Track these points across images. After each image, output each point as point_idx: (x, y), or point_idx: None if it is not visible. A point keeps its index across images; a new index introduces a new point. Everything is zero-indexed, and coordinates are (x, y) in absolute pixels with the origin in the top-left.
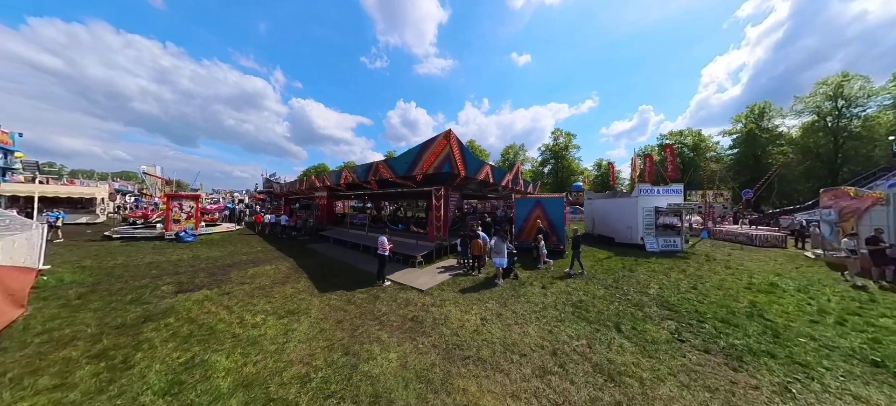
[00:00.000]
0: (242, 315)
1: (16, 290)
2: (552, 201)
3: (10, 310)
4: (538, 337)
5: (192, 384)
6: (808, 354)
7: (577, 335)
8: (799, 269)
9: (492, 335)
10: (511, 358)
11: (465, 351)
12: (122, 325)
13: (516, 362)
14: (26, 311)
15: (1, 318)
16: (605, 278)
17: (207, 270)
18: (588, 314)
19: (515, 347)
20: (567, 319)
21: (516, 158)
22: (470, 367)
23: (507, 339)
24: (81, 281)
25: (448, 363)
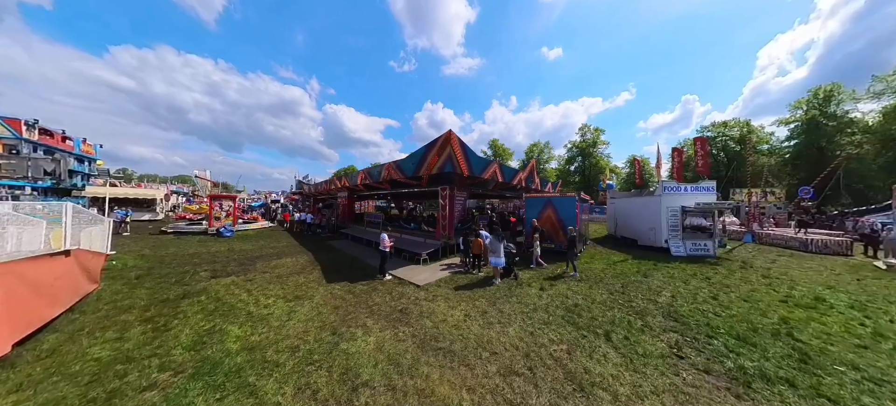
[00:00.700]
0: (258, 297)
1: (92, 270)
2: (563, 200)
3: (88, 285)
4: (516, 337)
5: (210, 344)
6: (842, 388)
7: (560, 340)
8: (861, 281)
9: (470, 331)
10: (481, 354)
11: (439, 343)
12: (165, 300)
13: (485, 359)
14: (99, 286)
15: (81, 291)
16: (614, 283)
17: (238, 261)
18: (579, 319)
19: (489, 345)
20: (554, 323)
21: (541, 157)
22: (439, 357)
23: (484, 336)
24: (140, 265)
25: (420, 351)
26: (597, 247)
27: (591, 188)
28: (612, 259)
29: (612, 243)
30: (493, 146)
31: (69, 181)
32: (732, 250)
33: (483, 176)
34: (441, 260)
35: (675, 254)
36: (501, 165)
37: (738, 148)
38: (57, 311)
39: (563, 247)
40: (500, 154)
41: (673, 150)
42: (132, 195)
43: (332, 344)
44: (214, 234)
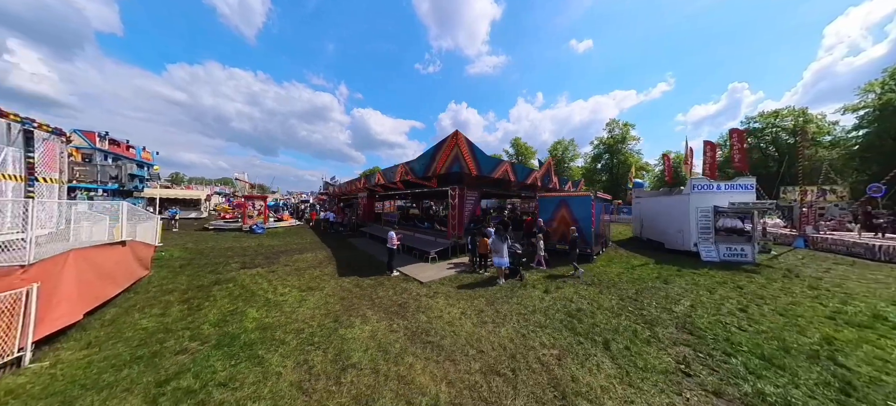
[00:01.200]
0: (277, 286)
1: (143, 258)
2: (578, 199)
3: (141, 271)
4: (507, 338)
5: (231, 322)
6: None
7: (552, 344)
8: None
9: (462, 328)
10: (468, 351)
11: (429, 337)
12: (201, 286)
13: (470, 356)
14: (150, 272)
15: (136, 275)
16: (627, 288)
17: (265, 255)
18: (579, 325)
19: (477, 343)
20: (551, 327)
21: (565, 155)
22: (427, 350)
23: (475, 334)
24: (183, 257)
25: (409, 342)
26: (618, 250)
27: (618, 187)
28: (632, 263)
29: (637, 246)
30: (516, 145)
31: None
32: (778, 257)
33: (493, 175)
34: (450, 259)
35: (706, 259)
36: (513, 165)
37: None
38: (116, 290)
39: (578, 248)
40: (523, 153)
41: (705, 145)
42: (180, 196)
43: (332, 330)
44: (247, 230)
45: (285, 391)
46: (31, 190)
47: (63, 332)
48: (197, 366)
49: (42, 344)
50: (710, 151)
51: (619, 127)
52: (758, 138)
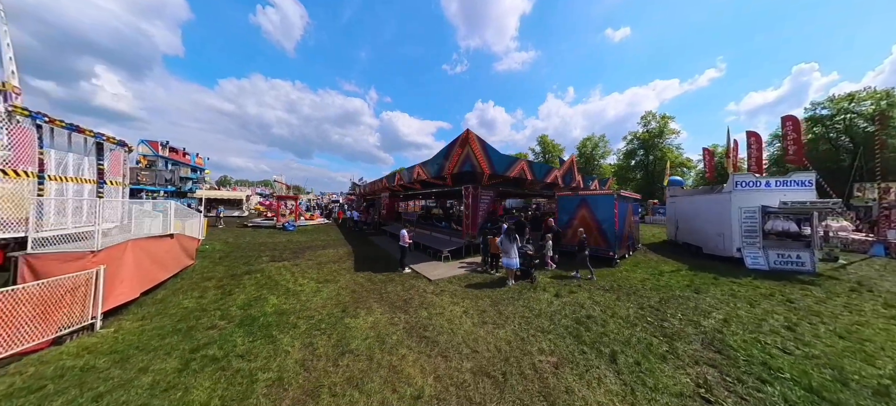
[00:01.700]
0: (297, 278)
1: (189, 250)
2: (600, 199)
3: (186, 260)
4: (504, 340)
5: (254, 306)
6: None
7: (551, 351)
8: None
9: (460, 327)
10: (462, 350)
11: (426, 332)
12: (234, 275)
13: (464, 355)
14: (194, 262)
15: (182, 264)
16: (650, 296)
17: (292, 249)
18: (587, 333)
19: (473, 343)
20: (554, 333)
21: (595, 152)
22: (422, 344)
23: (472, 334)
24: (223, 250)
25: (406, 335)
26: (648, 254)
27: (654, 186)
28: (661, 269)
29: (670, 251)
30: (542, 143)
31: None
32: (847, 266)
33: (508, 174)
34: (464, 258)
35: (752, 266)
36: (530, 163)
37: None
38: (166, 275)
39: (600, 250)
40: (550, 150)
41: (749, 136)
42: (225, 196)
43: (339, 318)
44: (280, 228)
45: (290, 367)
46: (101, 191)
47: (125, 307)
48: (222, 339)
49: (109, 315)
50: (756, 143)
51: (656, 120)
52: (826, 127)
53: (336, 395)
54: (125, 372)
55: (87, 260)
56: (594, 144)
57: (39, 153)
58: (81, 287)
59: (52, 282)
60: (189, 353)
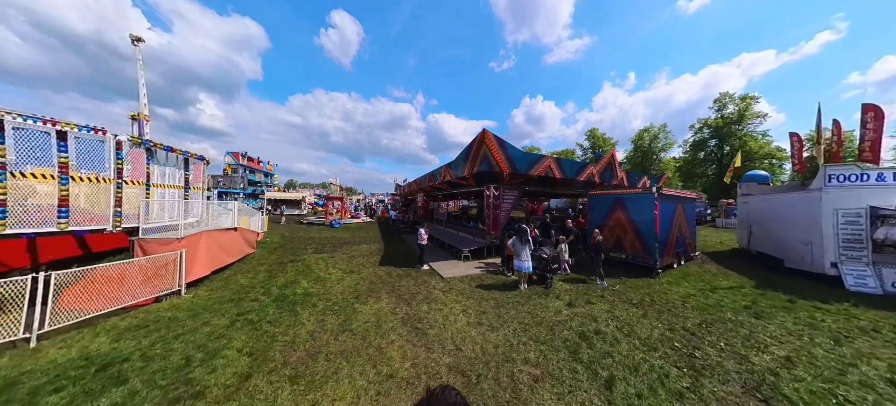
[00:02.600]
0: (328, 268)
1: (250, 241)
2: (637, 198)
3: (248, 249)
4: (492, 344)
5: (289, 287)
6: None
7: (537, 363)
8: None
9: (453, 324)
10: (446, 345)
11: (420, 324)
12: (281, 262)
13: (447, 350)
14: (255, 251)
15: (244, 252)
16: (689, 317)
17: (333, 244)
18: (588, 350)
19: (461, 341)
20: (550, 344)
21: (654, 144)
22: (411, 334)
23: (463, 332)
24: (278, 242)
25: (400, 324)
26: (707, 264)
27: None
28: (715, 283)
29: (740, 262)
30: (592, 136)
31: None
32: None
33: (531, 173)
34: (484, 259)
35: (855, 288)
36: (558, 160)
37: None
38: (230, 260)
39: (637, 258)
40: (601, 145)
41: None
42: (287, 197)
43: (350, 303)
44: (329, 225)
45: (302, 335)
46: (187, 195)
47: (200, 281)
48: (260, 309)
49: (190, 286)
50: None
51: (734, 102)
52: None
53: (329, 360)
54: (194, 323)
55: (175, 245)
56: (653, 136)
57: (147, 168)
58: (172, 264)
59: (154, 258)
60: (235, 316)
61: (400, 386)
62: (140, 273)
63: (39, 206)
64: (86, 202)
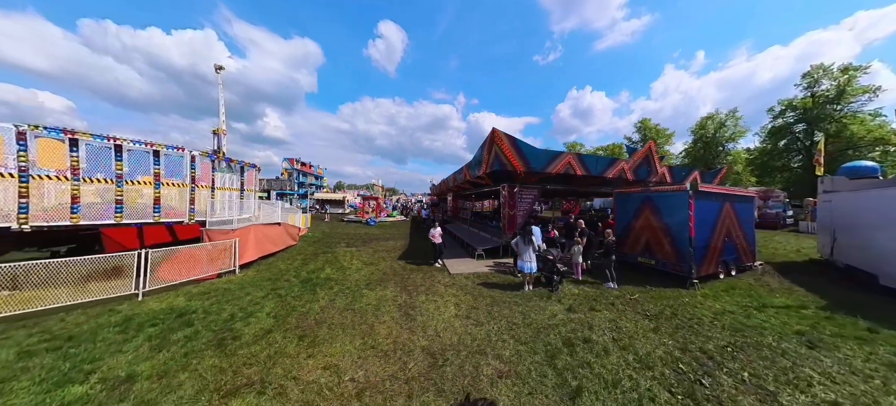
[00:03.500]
0: (352, 260)
1: (293, 234)
2: (668, 197)
3: (290, 241)
4: (471, 337)
5: (315, 273)
6: None
7: (507, 361)
8: None
9: (442, 314)
10: (428, 331)
11: (411, 311)
12: (315, 253)
13: (428, 335)
14: (297, 243)
15: (287, 243)
16: (714, 338)
17: (363, 239)
18: (567, 357)
19: (442, 329)
20: (530, 346)
21: (720, 134)
22: (402, 318)
23: (446, 322)
24: (318, 236)
25: (396, 309)
26: (767, 276)
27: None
28: (768, 301)
29: (815, 275)
30: (643, 128)
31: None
32: None
33: (549, 170)
34: (499, 258)
35: None
36: (579, 156)
37: None
38: (274, 249)
39: (668, 265)
40: (653, 137)
41: None
42: (331, 197)
43: (360, 289)
44: (365, 222)
45: (315, 309)
46: (242, 197)
47: (249, 264)
48: (288, 288)
49: (242, 267)
50: None
51: (831, 76)
52: None
53: (330, 329)
54: (240, 293)
55: (231, 235)
56: (718, 124)
57: (212, 175)
58: (229, 249)
59: (217, 244)
60: (270, 290)
61: (377, 355)
62: (207, 255)
63: (144, 205)
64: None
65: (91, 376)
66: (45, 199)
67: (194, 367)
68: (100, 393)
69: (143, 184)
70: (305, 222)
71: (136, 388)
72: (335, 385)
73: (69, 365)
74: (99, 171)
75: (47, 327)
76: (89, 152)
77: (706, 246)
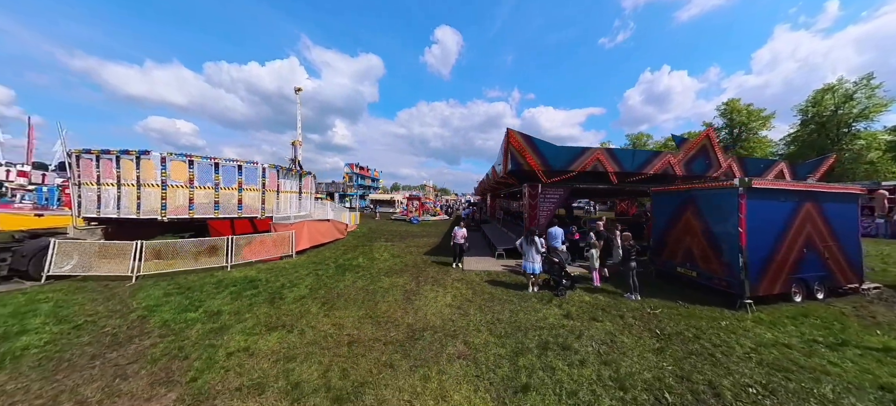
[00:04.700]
0: (383, 253)
1: (341, 229)
2: (713, 196)
3: (338, 235)
4: (456, 325)
5: (349, 261)
6: None
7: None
8: None
9: (437, 303)
10: (419, 314)
11: (413, 296)
12: (356, 246)
13: (418, 317)
14: (344, 237)
15: (335, 237)
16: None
17: (402, 236)
18: (533, 359)
19: (432, 315)
20: (502, 341)
21: (846, 110)
22: (403, 301)
23: (438, 309)
24: (364, 232)
25: (400, 294)
26: (883, 306)
27: None
28: (856, 338)
29: None
30: (730, 111)
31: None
32: None
33: (574, 168)
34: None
35: None
36: (610, 151)
37: None
38: (323, 241)
39: (714, 279)
40: (744, 121)
41: None
42: (382, 198)
43: (379, 275)
44: (409, 221)
45: (340, 286)
46: (300, 198)
47: (303, 252)
48: (326, 269)
49: (298, 253)
50: None
51: None
52: None
53: (346, 301)
54: (292, 271)
55: (289, 227)
56: (841, 99)
57: (278, 181)
58: (288, 238)
59: (281, 233)
60: (312, 271)
61: (371, 323)
62: (273, 242)
63: (232, 203)
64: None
65: (199, 308)
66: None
67: (253, 311)
68: (203, 316)
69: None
70: (354, 220)
71: (222, 318)
72: (336, 335)
73: (188, 302)
74: (207, 181)
75: (177, 281)
76: (199, 169)
77: (769, 258)
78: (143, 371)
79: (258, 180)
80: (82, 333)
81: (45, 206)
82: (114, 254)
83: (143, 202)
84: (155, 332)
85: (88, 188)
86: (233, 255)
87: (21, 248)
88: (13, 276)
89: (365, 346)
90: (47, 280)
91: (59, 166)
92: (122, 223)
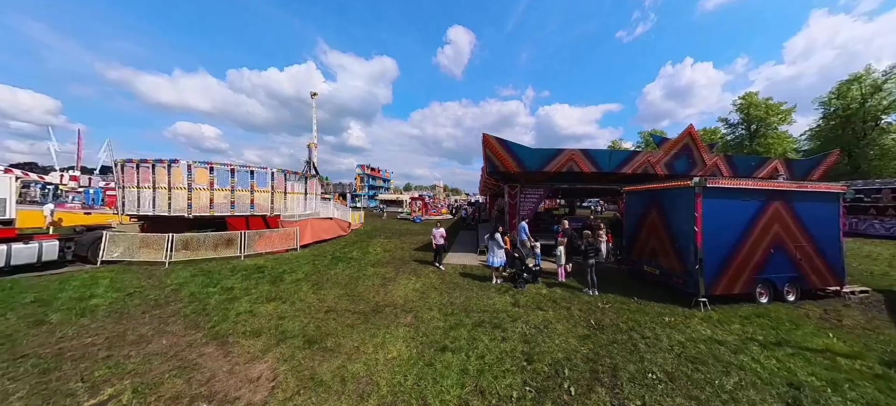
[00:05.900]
0: (377, 248)
1: (344, 227)
2: (674, 195)
3: (341, 232)
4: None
5: (344, 254)
6: None
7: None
8: None
9: (405, 289)
10: (387, 296)
11: (389, 282)
12: (355, 242)
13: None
14: (347, 234)
15: (338, 234)
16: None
17: (401, 233)
18: (460, 333)
19: (398, 297)
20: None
21: (873, 101)
22: (378, 285)
23: (404, 293)
24: (368, 230)
25: (378, 281)
26: (856, 311)
27: None
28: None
29: None
30: (746, 105)
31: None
32: None
33: (549, 169)
34: None
35: None
36: (585, 152)
37: None
38: (326, 237)
39: (673, 276)
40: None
41: None
42: (390, 198)
43: (366, 266)
44: (412, 220)
45: (329, 274)
46: (305, 198)
47: (306, 246)
48: (322, 260)
49: (302, 247)
50: None
51: None
52: None
53: (332, 282)
54: (294, 261)
55: (295, 224)
56: (869, 89)
57: (285, 184)
58: (294, 233)
59: (287, 229)
60: (311, 261)
61: (347, 299)
62: (280, 237)
63: (246, 203)
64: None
65: (217, 285)
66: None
67: (258, 288)
68: (220, 290)
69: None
70: (358, 219)
71: (234, 292)
72: (318, 305)
73: (209, 280)
74: (225, 184)
75: (200, 266)
76: (218, 173)
77: (729, 257)
78: (179, 321)
79: (268, 183)
80: (134, 298)
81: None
82: (152, 244)
83: (173, 202)
84: (185, 299)
85: (129, 191)
86: (246, 247)
87: (82, 238)
88: (76, 261)
89: (337, 314)
90: (102, 264)
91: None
92: (156, 219)
